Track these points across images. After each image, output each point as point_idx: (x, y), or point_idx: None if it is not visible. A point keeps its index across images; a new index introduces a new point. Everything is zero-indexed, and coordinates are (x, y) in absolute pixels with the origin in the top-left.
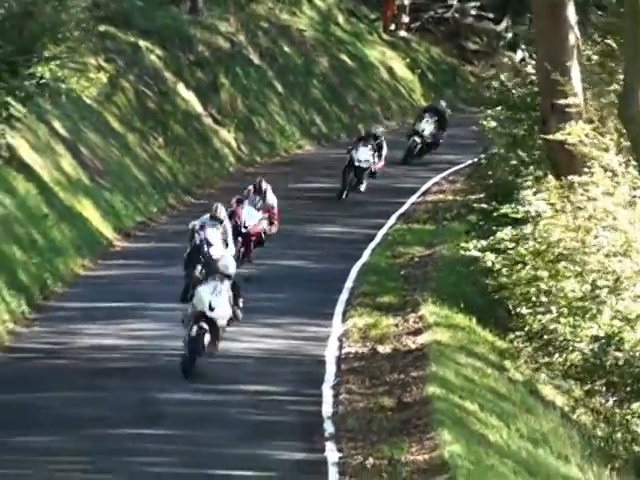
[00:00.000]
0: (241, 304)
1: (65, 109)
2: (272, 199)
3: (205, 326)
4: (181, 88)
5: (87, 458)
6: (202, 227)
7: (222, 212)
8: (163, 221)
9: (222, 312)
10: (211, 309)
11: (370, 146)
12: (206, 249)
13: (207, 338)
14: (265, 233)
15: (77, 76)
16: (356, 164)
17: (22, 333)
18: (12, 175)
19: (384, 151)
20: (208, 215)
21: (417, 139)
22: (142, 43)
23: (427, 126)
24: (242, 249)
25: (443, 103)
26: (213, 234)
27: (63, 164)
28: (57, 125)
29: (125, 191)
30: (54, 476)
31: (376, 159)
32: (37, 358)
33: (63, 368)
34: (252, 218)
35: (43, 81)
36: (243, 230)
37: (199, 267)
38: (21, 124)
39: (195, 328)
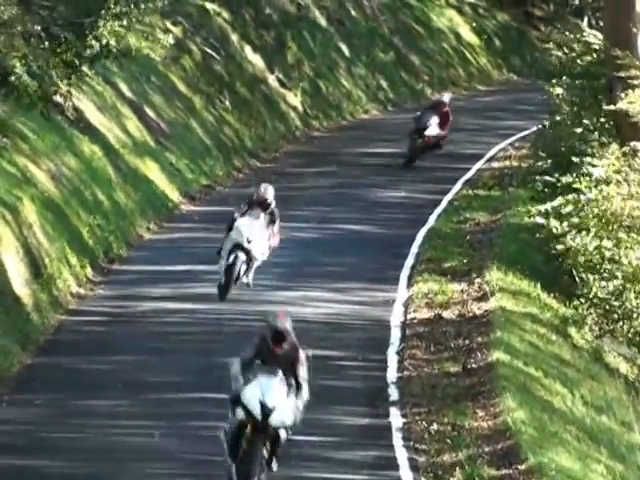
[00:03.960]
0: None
1: (131, 71)
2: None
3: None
4: (248, 51)
5: (149, 422)
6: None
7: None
8: (229, 184)
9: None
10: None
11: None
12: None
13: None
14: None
15: (143, 37)
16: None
17: (86, 296)
18: (78, 137)
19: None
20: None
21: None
22: (209, 6)
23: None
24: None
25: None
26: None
27: (129, 126)
28: (123, 87)
29: (191, 154)
30: (115, 440)
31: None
32: (101, 322)
33: (127, 331)
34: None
35: (109, 45)
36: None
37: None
38: (87, 86)
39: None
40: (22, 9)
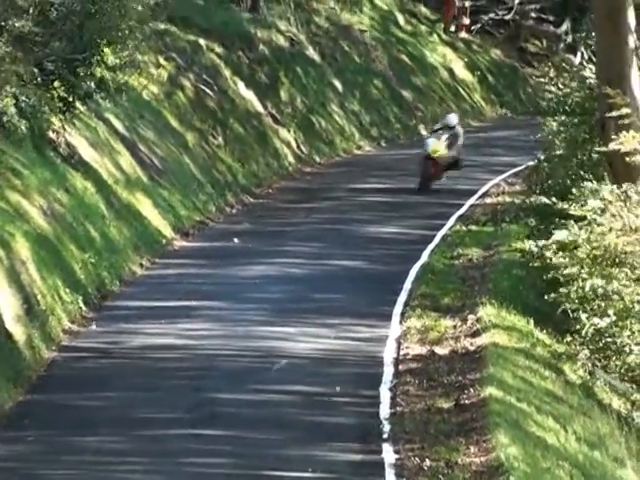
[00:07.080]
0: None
1: (124, 107)
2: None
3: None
4: (241, 87)
5: (141, 459)
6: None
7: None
8: (221, 220)
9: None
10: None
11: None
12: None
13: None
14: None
15: (137, 73)
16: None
17: (79, 332)
18: (70, 173)
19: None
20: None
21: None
22: (202, 42)
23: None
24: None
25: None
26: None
27: (122, 162)
28: (116, 123)
29: (184, 190)
30: (106, 477)
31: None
32: (93, 357)
33: (119, 368)
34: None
35: (102, 81)
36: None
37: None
38: (80, 122)
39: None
40: (15, 46)
